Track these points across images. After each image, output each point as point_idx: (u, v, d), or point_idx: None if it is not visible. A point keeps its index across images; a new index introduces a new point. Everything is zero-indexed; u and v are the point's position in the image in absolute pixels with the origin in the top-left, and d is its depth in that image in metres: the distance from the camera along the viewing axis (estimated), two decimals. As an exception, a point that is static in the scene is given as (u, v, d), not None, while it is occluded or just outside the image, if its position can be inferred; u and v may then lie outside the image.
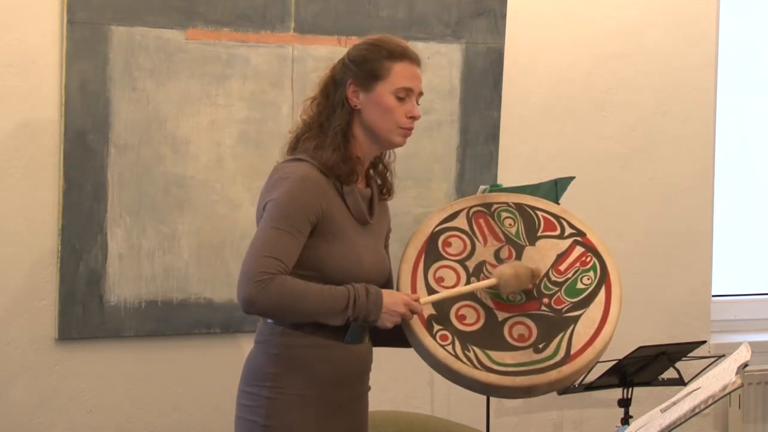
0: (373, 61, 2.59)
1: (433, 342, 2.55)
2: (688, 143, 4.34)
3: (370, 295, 2.50)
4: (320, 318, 2.50)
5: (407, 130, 2.62)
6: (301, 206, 2.50)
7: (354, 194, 2.59)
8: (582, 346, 2.57)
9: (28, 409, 3.49)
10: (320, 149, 2.57)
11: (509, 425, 4.15)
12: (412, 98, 2.62)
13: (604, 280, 2.69)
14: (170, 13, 3.52)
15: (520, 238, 2.75)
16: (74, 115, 3.44)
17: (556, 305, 2.65)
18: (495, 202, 2.81)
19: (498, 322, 2.62)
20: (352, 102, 2.60)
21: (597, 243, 2.78)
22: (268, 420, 2.54)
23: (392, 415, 3.47)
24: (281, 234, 2.47)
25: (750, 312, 4.67)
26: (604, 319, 2.62)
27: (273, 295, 2.44)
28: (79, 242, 3.46)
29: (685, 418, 2.02)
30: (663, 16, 4.28)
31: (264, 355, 2.59)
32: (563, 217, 2.81)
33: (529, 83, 4.10)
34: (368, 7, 3.78)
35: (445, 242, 2.72)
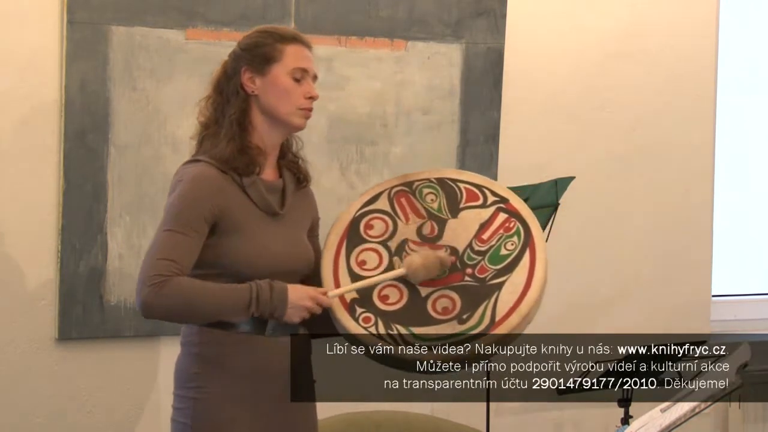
0: (265, 45, 2.57)
1: (356, 324, 2.53)
2: (688, 143, 4.34)
3: (274, 290, 2.47)
4: (222, 316, 2.47)
5: (307, 110, 2.60)
6: (194, 205, 2.47)
7: (256, 186, 2.55)
8: (507, 312, 2.53)
9: (28, 409, 3.49)
10: (217, 145, 2.54)
11: (509, 425, 4.15)
12: (308, 79, 2.59)
13: (528, 244, 2.64)
14: (170, 13, 3.52)
15: (443, 212, 2.72)
16: (74, 115, 3.44)
17: (479, 274, 2.61)
18: (416, 180, 2.78)
19: (421, 298, 2.59)
20: (248, 88, 2.56)
21: (520, 208, 2.71)
22: (196, 421, 2.52)
23: (392, 415, 3.47)
24: (174, 235, 2.44)
25: (750, 312, 4.66)
26: (529, 282, 2.57)
27: (169, 297, 2.40)
28: (79, 242, 3.46)
29: (685, 418, 2.02)
30: (663, 16, 4.28)
31: (188, 356, 2.57)
32: (486, 186, 2.76)
33: (529, 83, 4.09)
34: (368, 7, 3.78)
35: (366, 225, 2.70)
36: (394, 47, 3.84)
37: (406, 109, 3.87)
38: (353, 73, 3.79)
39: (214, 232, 2.50)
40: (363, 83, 3.81)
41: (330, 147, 3.77)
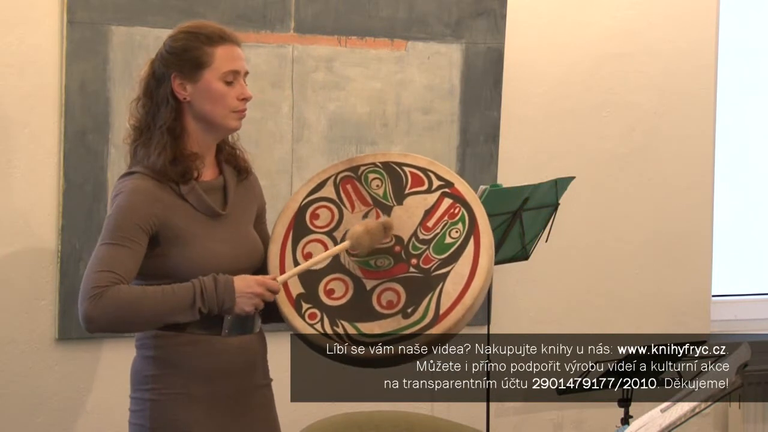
0: (193, 49, 2.49)
1: (302, 322, 2.49)
2: (688, 143, 4.34)
3: (218, 283, 2.42)
4: (168, 318, 2.42)
5: (241, 112, 2.54)
6: (130, 216, 2.42)
7: (195, 192, 2.50)
8: (450, 305, 2.46)
9: (28, 409, 3.49)
10: (149, 155, 2.48)
11: (509, 425, 4.15)
12: (239, 79, 2.53)
13: (472, 231, 2.55)
14: (170, 13, 3.52)
15: (388, 199, 2.63)
16: (74, 115, 3.44)
17: (424, 264, 2.53)
18: (362, 164, 2.68)
19: (366, 292, 2.52)
20: (180, 95, 2.50)
21: (465, 192, 2.61)
22: (154, 422, 2.50)
23: (392, 415, 3.47)
24: (111, 248, 2.41)
25: (750, 312, 4.66)
26: (473, 272, 2.49)
27: (109, 306, 2.36)
28: (79, 242, 3.46)
29: (685, 418, 2.02)
30: (663, 16, 4.28)
31: (142, 359, 2.55)
32: (431, 169, 2.66)
33: (529, 83, 4.10)
34: (368, 7, 3.78)
35: (312, 215, 2.63)
36: (394, 47, 3.84)
37: (406, 109, 3.87)
38: (353, 73, 3.79)
39: (158, 242, 2.46)
40: (363, 83, 3.81)
41: (330, 147, 3.77)
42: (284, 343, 2.83)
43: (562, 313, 4.16)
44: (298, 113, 3.73)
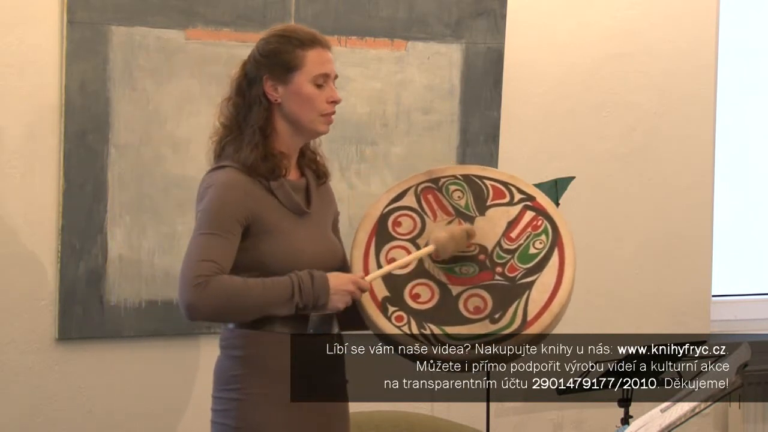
0: (285, 52, 2.56)
1: (389, 324, 2.55)
2: (688, 143, 4.34)
3: (315, 279, 2.48)
4: (267, 310, 2.48)
5: (329, 116, 2.60)
6: (227, 208, 2.48)
7: (284, 188, 2.56)
8: (538, 312, 2.55)
9: (28, 409, 3.49)
10: (240, 151, 2.55)
11: (509, 425, 4.15)
12: (329, 83, 2.59)
13: (556, 243, 2.66)
14: (170, 13, 3.52)
15: (470, 210, 2.73)
16: (74, 115, 3.44)
17: (509, 273, 2.63)
18: (442, 176, 2.79)
19: (452, 297, 2.60)
20: (271, 97, 2.57)
21: (547, 205, 2.74)
22: (239, 422, 2.53)
23: (392, 415, 3.47)
24: (211, 237, 2.45)
25: (750, 312, 4.66)
26: (559, 282, 2.59)
27: (213, 296, 2.41)
28: (79, 242, 3.46)
29: (685, 418, 2.02)
30: (663, 16, 4.28)
31: (228, 358, 2.58)
32: (512, 183, 2.78)
33: (529, 83, 4.10)
34: (368, 7, 3.78)
35: (395, 222, 2.71)
36: (394, 47, 3.84)
37: (406, 109, 3.87)
38: (353, 73, 3.79)
39: (247, 235, 2.51)
40: (363, 83, 3.81)
41: (330, 147, 3.75)
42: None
43: (562, 313, 4.15)
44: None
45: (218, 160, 2.60)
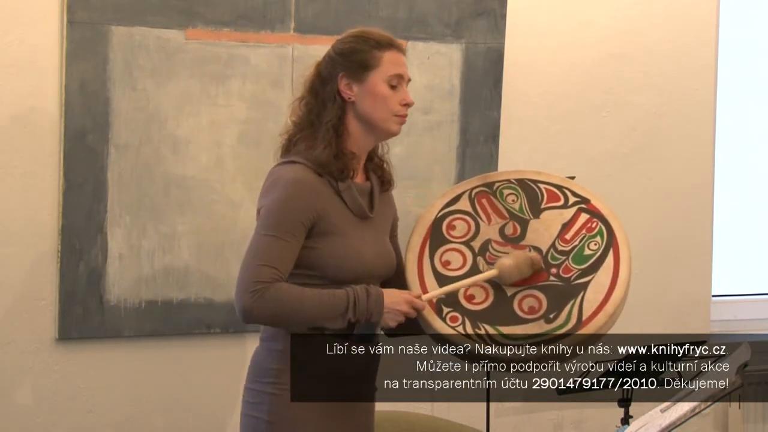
0: (362, 51, 2.59)
1: (443, 324, 2.56)
2: (688, 143, 4.34)
3: (370, 296, 2.51)
4: (319, 323, 2.51)
5: (402, 117, 2.63)
6: (293, 211, 2.50)
7: (351, 190, 2.59)
8: (593, 311, 2.57)
9: (28, 409, 3.49)
10: (312, 148, 2.56)
11: (509, 425, 4.15)
12: (403, 85, 2.62)
13: (611, 244, 2.68)
14: (170, 13, 3.52)
15: (524, 213, 2.75)
16: (74, 115, 3.44)
17: (564, 274, 2.65)
18: (496, 181, 2.82)
19: (507, 298, 2.62)
20: (345, 95, 2.59)
21: (602, 207, 2.77)
22: (271, 416, 2.55)
23: (392, 415, 3.47)
24: (274, 241, 2.47)
25: (750, 312, 4.67)
26: (614, 282, 2.62)
27: (269, 304, 2.44)
28: (79, 242, 3.46)
29: (685, 418, 2.02)
30: (663, 16, 4.28)
31: (267, 351, 2.59)
32: (566, 186, 2.81)
33: (529, 83, 4.10)
34: (368, 7, 3.78)
35: (449, 226, 2.73)
36: (394, 47, 3.83)
37: (406, 109, 3.87)
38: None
39: (310, 234, 2.53)
40: (363, 83, 3.80)
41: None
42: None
43: (562, 313, 4.15)
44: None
45: (287, 156, 2.61)
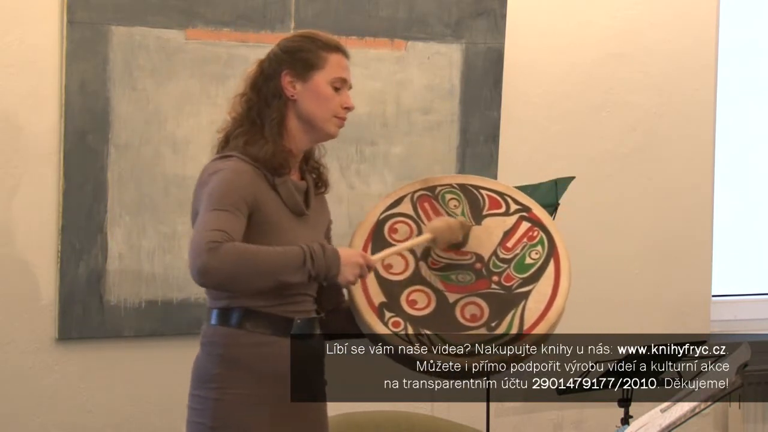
0: (309, 51, 2.59)
1: (386, 329, 2.55)
2: (688, 143, 4.34)
3: (326, 249, 2.48)
4: (281, 276, 2.45)
5: (341, 120, 2.64)
6: (235, 188, 2.48)
7: (287, 185, 2.57)
8: (534, 321, 2.58)
9: (28, 409, 3.49)
10: (252, 144, 2.55)
11: (509, 425, 4.15)
12: (345, 89, 2.63)
13: (552, 254, 2.69)
14: (170, 13, 3.52)
15: (466, 218, 2.74)
16: (74, 115, 3.44)
17: (506, 282, 2.65)
18: (439, 185, 2.80)
19: (449, 304, 2.62)
20: (288, 92, 2.59)
21: (542, 217, 2.77)
22: (215, 421, 2.51)
23: (392, 415, 3.47)
24: (221, 213, 2.44)
25: (750, 312, 4.66)
26: (555, 291, 2.63)
27: (226, 258, 2.38)
28: (79, 242, 3.46)
29: (685, 418, 2.02)
30: (663, 16, 4.28)
31: (208, 356, 2.56)
32: (507, 193, 2.80)
33: (529, 83, 4.10)
34: (368, 7, 3.78)
35: (391, 229, 2.72)
36: (394, 47, 3.84)
37: (406, 109, 3.87)
38: (353, 73, 3.77)
39: (248, 225, 2.51)
40: (363, 83, 3.80)
41: (330, 147, 3.72)
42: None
43: (562, 313, 4.15)
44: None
45: (223, 151, 2.61)
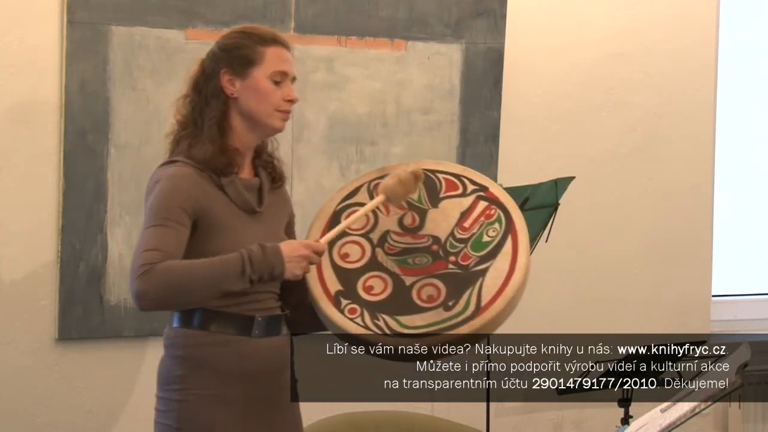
0: (245, 47, 2.56)
1: (342, 316, 2.54)
2: (688, 143, 4.34)
3: (266, 249, 2.45)
4: (221, 286, 2.43)
5: (285, 113, 2.59)
6: (173, 199, 2.46)
7: (234, 185, 2.54)
8: (491, 297, 2.55)
9: (28, 409, 3.49)
10: (195, 146, 2.53)
11: (509, 425, 4.15)
12: (287, 82, 2.58)
13: (509, 230, 2.67)
14: (170, 13, 3.52)
15: (423, 203, 2.73)
16: (74, 115, 3.44)
17: (463, 262, 2.63)
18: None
19: (406, 287, 2.60)
20: (228, 91, 2.56)
21: (500, 195, 2.74)
22: (180, 423, 2.51)
23: (392, 415, 3.47)
24: (156, 229, 2.43)
25: (750, 312, 4.67)
26: (512, 267, 2.60)
27: (160, 279, 2.38)
28: (79, 242, 3.46)
29: (685, 418, 2.02)
30: (663, 16, 4.28)
31: (171, 358, 2.55)
32: (464, 175, 2.78)
33: (529, 83, 4.10)
34: (368, 7, 3.78)
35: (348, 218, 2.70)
36: (394, 47, 3.84)
37: (406, 109, 3.87)
38: (353, 73, 3.79)
39: (195, 230, 2.49)
40: (363, 83, 3.81)
41: (330, 147, 3.77)
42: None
43: (562, 313, 4.15)
44: (298, 113, 3.72)
45: (171, 156, 2.58)
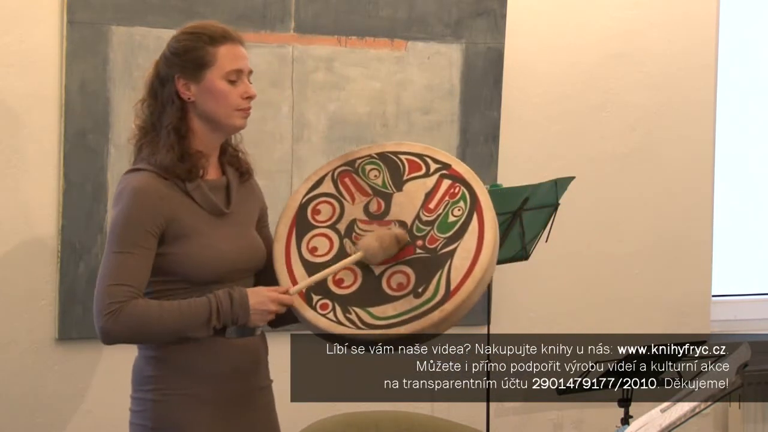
0: (196, 49, 2.50)
1: (314, 313, 2.53)
2: (688, 143, 4.34)
3: (234, 300, 2.45)
4: (183, 334, 2.45)
5: (245, 111, 2.55)
6: (138, 223, 2.43)
7: (200, 189, 2.52)
8: (461, 279, 2.51)
9: (28, 409, 3.49)
10: (155, 153, 2.50)
11: (509, 425, 4.15)
12: (243, 78, 2.54)
13: (474, 208, 2.62)
14: (170, 13, 3.52)
15: (387, 187, 2.69)
16: (74, 115, 3.44)
17: (430, 245, 2.59)
18: (358, 158, 2.74)
19: (375, 277, 2.57)
20: (184, 96, 2.51)
21: (463, 171, 2.69)
22: (155, 423, 2.51)
23: (392, 415, 3.47)
24: (122, 257, 2.42)
25: (750, 312, 4.67)
26: (480, 245, 2.55)
27: (127, 323, 2.40)
28: (79, 242, 3.46)
29: (685, 418, 2.02)
30: (663, 16, 4.28)
31: (144, 358, 2.55)
32: (426, 154, 2.73)
33: (529, 83, 4.10)
34: (368, 7, 3.78)
35: (314, 210, 2.68)
36: (394, 47, 3.84)
37: (406, 109, 3.87)
38: (353, 73, 3.79)
39: (163, 240, 2.47)
40: (363, 83, 3.81)
41: (330, 147, 3.77)
42: (284, 343, 2.83)
43: (562, 313, 4.16)
44: (298, 113, 3.73)
45: (135, 163, 2.55)
